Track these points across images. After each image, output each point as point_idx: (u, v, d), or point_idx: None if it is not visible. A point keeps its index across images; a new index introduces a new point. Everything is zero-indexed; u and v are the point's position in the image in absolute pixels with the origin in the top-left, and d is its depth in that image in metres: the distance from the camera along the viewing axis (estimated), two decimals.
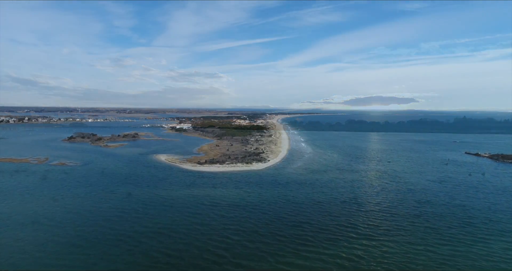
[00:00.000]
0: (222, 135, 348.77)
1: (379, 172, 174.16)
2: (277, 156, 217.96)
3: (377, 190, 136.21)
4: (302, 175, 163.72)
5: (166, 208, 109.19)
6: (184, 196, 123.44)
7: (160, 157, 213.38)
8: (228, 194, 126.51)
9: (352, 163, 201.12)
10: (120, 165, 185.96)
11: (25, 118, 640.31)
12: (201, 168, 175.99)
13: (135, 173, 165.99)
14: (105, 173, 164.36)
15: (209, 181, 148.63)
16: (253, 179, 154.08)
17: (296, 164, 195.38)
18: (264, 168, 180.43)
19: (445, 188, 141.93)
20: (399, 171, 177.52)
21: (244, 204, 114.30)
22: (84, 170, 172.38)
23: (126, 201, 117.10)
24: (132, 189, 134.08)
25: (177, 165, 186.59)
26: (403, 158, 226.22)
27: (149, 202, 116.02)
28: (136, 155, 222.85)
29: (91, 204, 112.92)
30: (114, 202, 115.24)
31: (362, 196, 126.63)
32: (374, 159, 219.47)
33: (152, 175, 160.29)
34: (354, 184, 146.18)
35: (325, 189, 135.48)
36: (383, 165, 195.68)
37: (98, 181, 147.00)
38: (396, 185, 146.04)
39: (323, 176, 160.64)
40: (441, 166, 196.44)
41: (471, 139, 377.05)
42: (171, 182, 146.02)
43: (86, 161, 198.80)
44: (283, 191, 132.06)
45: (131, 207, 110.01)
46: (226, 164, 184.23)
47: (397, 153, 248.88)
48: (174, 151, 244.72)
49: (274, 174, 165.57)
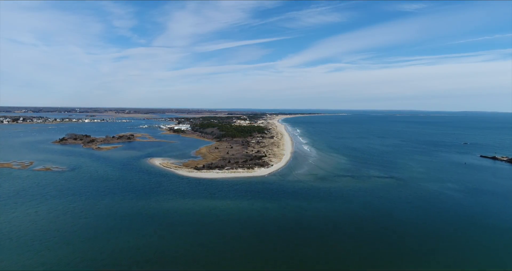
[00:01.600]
0: (221, 136, 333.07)
1: (394, 179, 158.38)
2: (281, 160, 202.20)
3: (400, 205, 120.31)
4: (310, 182, 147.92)
5: (153, 226, 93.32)
6: (177, 209, 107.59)
7: (155, 161, 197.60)
8: (227, 207, 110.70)
9: (362, 168, 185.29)
10: (110, 170, 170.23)
11: (20, 118, 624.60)
12: (198, 174, 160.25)
13: (125, 179, 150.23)
14: (91, 180, 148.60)
15: (207, 190, 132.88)
16: (256, 187, 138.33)
17: (301, 169, 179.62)
18: (267, 174, 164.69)
19: (479, 200, 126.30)
20: (417, 177, 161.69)
21: (247, 221, 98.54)
22: (70, 176, 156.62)
23: (108, 216, 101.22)
24: (119, 199, 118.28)
25: (172, 170, 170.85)
26: (415, 161, 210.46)
27: (134, 217, 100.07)
28: (129, 159, 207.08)
29: (65, 220, 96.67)
30: (92, 219, 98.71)
31: (382, 211, 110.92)
32: (384, 163, 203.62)
33: (143, 183, 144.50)
34: (369, 194, 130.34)
35: (338, 202, 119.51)
36: (397, 170, 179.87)
37: (82, 190, 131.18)
38: (419, 197, 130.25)
39: (333, 184, 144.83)
40: (459, 170, 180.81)
41: (480, 139, 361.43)
42: (163, 191, 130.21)
43: (74, 165, 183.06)
44: (291, 203, 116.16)
45: (111, 225, 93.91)
46: (226, 169, 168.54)
47: (408, 156, 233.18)
48: (170, 154, 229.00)
49: (278, 181, 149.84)
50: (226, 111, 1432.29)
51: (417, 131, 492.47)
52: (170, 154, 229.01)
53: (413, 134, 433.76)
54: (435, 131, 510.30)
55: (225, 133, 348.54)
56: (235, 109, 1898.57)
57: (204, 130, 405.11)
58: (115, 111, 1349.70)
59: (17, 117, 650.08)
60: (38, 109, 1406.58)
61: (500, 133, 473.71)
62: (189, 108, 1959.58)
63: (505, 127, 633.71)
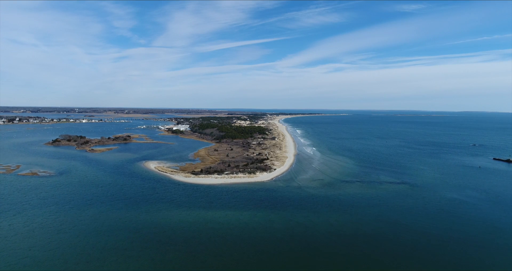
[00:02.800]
0: (221, 138, 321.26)
1: (407, 185, 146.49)
2: (284, 163, 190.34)
3: (419, 217, 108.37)
4: (316, 189, 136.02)
5: (142, 245, 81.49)
6: (170, 222, 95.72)
7: (150, 164, 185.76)
8: (227, 219, 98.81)
9: (370, 172, 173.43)
10: (101, 175, 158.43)
11: (16, 119, 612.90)
12: (195, 180, 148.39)
13: (116, 185, 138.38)
14: (79, 186, 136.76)
15: (204, 198, 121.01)
16: (258, 194, 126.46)
17: (306, 173, 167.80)
18: (270, 179, 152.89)
19: (508, 209, 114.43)
20: (431, 183, 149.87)
21: (249, 237, 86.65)
22: (57, 181, 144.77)
23: (90, 231, 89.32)
24: (106, 209, 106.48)
25: (167, 175, 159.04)
26: (425, 165, 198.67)
27: (121, 232, 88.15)
28: (123, 162, 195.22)
29: (41, 236, 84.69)
30: (72, 235, 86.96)
31: (400, 224, 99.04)
32: (393, 166, 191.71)
33: (135, 189, 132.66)
34: (383, 203, 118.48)
35: (350, 213, 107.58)
36: (408, 175, 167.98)
37: (67, 198, 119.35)
38: (439, 207, 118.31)
39: (342, 191, 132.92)
40: (476, 175, 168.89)
41: (488, 141, 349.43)
42: (156, 199, 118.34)
43: (64, 169, 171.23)
44: (297, 214, 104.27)
45: (92, 242, 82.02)
46: (225, 174, 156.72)
47: (417, 159, 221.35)
48: (166, 156, 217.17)
49: (282, 188, 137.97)
50: (226, 112, 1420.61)
51: (421, 132, 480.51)
52: (167, 156, 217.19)
53: (417, 135, 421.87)
54: (439, 132, 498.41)
55: (225, 134, 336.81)
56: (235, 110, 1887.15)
57: (203, 131, 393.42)
58: (114, 112, 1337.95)
59: (13, 117, 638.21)
60: (37, 109, 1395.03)
61: (507, 134, 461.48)
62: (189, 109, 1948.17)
63: (508, 128, 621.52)
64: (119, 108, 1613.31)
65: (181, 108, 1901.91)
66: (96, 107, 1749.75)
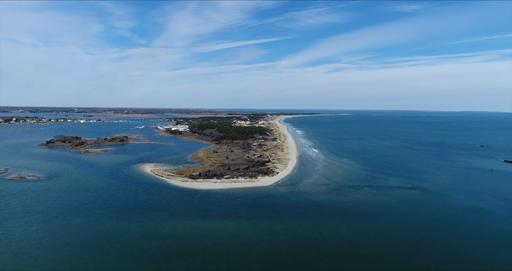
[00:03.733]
0: (221, 138, 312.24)
1: (418, 190, 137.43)
2: (286, 166, 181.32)
3: (436, 227, 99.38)
4: (323, 195, 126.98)
5: (130, 262, 72.49)
6: (163, 235, 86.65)
7: (146, 167, 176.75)
8: (226, 230, 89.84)
9: (378, 176, 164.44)
10: (93, 179, 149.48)
11: (13, 119, 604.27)
12: (193, 184, 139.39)
13: (108, 191, 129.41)
14: (69, 191, 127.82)
15: (202, 205, 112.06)
16: (261, 201, 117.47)
17: (310, 177, 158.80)
18: (273, 183, 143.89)
19: None
20: (444, 188, 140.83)
21: (250, 252, 77.65)
22: (45, 186, 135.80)
23: (74, 246, 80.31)
24: (94, 218, 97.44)
25: (164, 179, 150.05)
26: (434, 167, 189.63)
27: (108, 247, 79.08)
28: (118, 164, 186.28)
29: (17, 251, 75.43)
30: (52, 250, 78.00)
31: (416, 235, 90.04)
32: (400, 169, 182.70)
33: (128, 195, 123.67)
34: (396, 211, 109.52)
35: (361, 223, 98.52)
36: (418, 179, 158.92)
37: (53, 205, 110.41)
38: (456, 215, 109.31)
39: (350, 197, 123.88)
40: (490, 179, 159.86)
41: (495, 142, 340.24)
42: (150, 207, 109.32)
43: (54, 173, 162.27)
44: (304, 225, 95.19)
45: (75, 260, 72.94)
46: (225, 178, 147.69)
47: (424, 161, 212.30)
48: (164, 158, 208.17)
49: (286, 193, 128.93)
50: (226, 112, 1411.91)
51: (423, 133, 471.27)
52: (164, 158, 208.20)
53: (420, 136, 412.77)
54: (442, 132, 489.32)
55: (224, 135, 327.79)
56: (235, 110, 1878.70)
57: (202, 132, 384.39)
58: (113, 112, 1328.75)
59: (9, 117, 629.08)
60: (36, 109, 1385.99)
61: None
62: (189, 109, 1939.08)
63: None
64: (118, 109, 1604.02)
65: (181, 109, 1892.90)
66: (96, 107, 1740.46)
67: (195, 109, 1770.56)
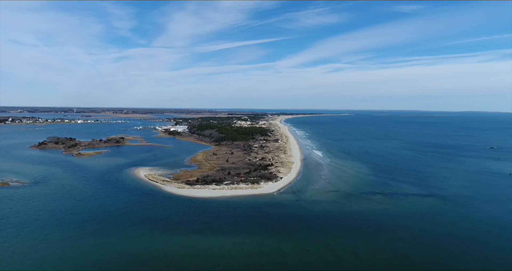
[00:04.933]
0: (220, 140, 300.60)
1: (436, 198, 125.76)
2: (290, 170, 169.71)
3: (465, 242, 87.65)
4: (332, 204, 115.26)
5: None
6: (152, 255, 74.90)
7: (140, 171, 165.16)
8: (225, 249, 78.08)
9: (389, 181, 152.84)
10: (82, 185, 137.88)
11: (9, 119, 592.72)
12: (190, 191, 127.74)
13: (96, 199, 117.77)
14: (53, 200, 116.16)
15: (199, 216, 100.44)
16: (265, 211, 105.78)
17: (317, 183, 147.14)
18: (277, 190, 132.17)
19: None
20: (464, 195, 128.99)
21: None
22: (28, 193, 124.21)
23: (47, 267, 68.77)
24: (75, 233, 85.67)
25: (158, 185, 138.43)
26: (448, 171, 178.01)
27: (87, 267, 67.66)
28: (111, 168, 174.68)
29: None
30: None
31: (446, 255, 78.31)
32: (412, 173, 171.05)
33: (118, 205, 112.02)
34: (416, 224, 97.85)
35: (379, 239, 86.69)
36: (433, 185, 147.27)
37: (34, 216, 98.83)
38: (486, 228, 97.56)
39: (363, 207, 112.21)
40: (509, 184, 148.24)
41: (504, 143, 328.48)
42: (140, 219, 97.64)
43: (41, 177, 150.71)
44: (315, 241, 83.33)
45: None
46: (225, 185, 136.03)
47: (436, 164, 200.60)
48: (160, 161, 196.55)
49: (292, 202, 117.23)
50: (226, 112, 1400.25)
51: (428, 133, 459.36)
52: (161, 161, 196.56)
53: (425, 137, 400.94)
54: (447, 132, 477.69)
55: (224, 136, 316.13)
56: (235, 110, 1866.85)
57: (202, 133, 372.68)
58: (112, 112, 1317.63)
59: (5, 118, 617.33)
60: (35, 109, 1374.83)
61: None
62: (189, 109, 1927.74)
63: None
64: (117, 109, 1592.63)
65: (181, 109, 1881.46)
66: (95, 107, 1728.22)
67: (195, 110, 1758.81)
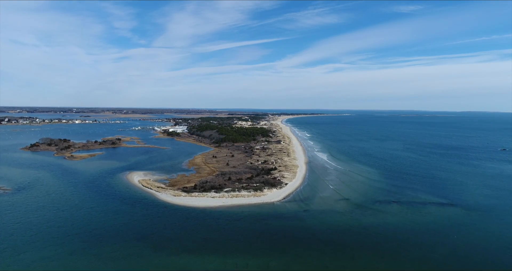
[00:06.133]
0: (221, 141, 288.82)
1: (458, 207, 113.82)
2: (295, 175, 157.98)
3: (508, 263, 75.75)
4: (345, 215, 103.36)
5: None
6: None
7: (134, 176, 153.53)
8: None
9: (403, 187, 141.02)
10: (69, 192, 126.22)
11: (5, 119, 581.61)
12: (186, 200, 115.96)
13: (81, 209, 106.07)
14: (33, 210, 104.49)
15: (196, 231, 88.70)
16: (270, 224, 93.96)
17: (325, 189, 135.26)
18: (282, 199, 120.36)
19: None
20: (488, 205, 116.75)
21: None
22: (8, 203, 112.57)
23: None
24: (52, 252, 73.99)
25: (152, 192, 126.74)
26: (464, 176, 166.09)
27: None
28: (103, 173, 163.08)
29: None
30: None
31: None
32: (427, 178, 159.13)
33: (105, 216, 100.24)
34: (443, 240, 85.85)
35: (404, 259, 74.70)
36: (452, 192, 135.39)
37: (7, 230, 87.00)
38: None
39: (379, 219, 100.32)
40: None
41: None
42: (130, 234, 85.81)
43: (26, 183, 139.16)
44: (328, 263, 71.65)
45: None
46: (225, 192, 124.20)
47: (449, 167, 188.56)
48: (156, 165, 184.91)
49: (300, 212, 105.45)
50: (227, 112, 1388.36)
51: (434, 134, 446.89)
52: (157, 165, 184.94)
53: (431, 137, 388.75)
54: (453, 133, 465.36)
55: (225, 137, 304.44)
56: (236, 110, 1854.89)
57: (201, 134, 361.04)
58: (112, 112, 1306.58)
59: (2, 118, 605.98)
60: (34, 109, 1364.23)
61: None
62: (189, 109, 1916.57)
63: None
64: (117, 109, 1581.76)
65: (181, 109, 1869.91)
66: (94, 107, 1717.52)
67: (195, 110, 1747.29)
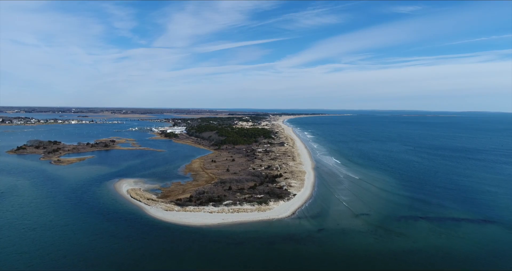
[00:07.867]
0: (220, 143, 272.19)
1: (496, 225, 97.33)
2: (303, 184, 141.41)
3: None
4: (367, 236, 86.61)
5: None
6: None
7: (123, 185, 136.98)
8: None
9: (427, 199, 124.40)
10: (45, 206, 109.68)
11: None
12: (179, 216, 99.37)
13: (53, 228, 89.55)
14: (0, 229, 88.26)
15: (189, 259, 72.21)
16: (279, 250, 77.28)
17: (338, 203, 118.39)
18: (291, 214, 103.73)
19: None
20: None
21: None
22: None
23: None
24: None
25: (142, 205, 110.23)
26: (490, 184, 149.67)
27: None
28: (89, 180, 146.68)
29: None
30: None
31: None
32: (451, 187, 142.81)
33: (79, 239, 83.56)
34: (492, 268, 69.43)
35: None
36: (484, 203, 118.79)
37: None
38: None
39: (409, 242, 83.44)
40: None
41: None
42: (107, 264, 69.40)
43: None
44: None
45: None
46: (225, 205, 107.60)
47: (471, 174, 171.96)
48: (150, 171, 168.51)
49: (314, 232, 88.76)
50: (227, 112, 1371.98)
51: (442, 135, 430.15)
52: (150, 171, 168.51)
53: (441, 139, 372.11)
54: (461, 134, 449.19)
55: (225, 139, 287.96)
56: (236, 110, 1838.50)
57: (200, 135, 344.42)
58: (111, 112, 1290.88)
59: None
60: (32, 109, 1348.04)
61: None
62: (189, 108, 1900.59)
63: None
64: (116, 109, 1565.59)
65: (181, 108, 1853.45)
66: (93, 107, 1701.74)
67: (195, 110, 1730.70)
